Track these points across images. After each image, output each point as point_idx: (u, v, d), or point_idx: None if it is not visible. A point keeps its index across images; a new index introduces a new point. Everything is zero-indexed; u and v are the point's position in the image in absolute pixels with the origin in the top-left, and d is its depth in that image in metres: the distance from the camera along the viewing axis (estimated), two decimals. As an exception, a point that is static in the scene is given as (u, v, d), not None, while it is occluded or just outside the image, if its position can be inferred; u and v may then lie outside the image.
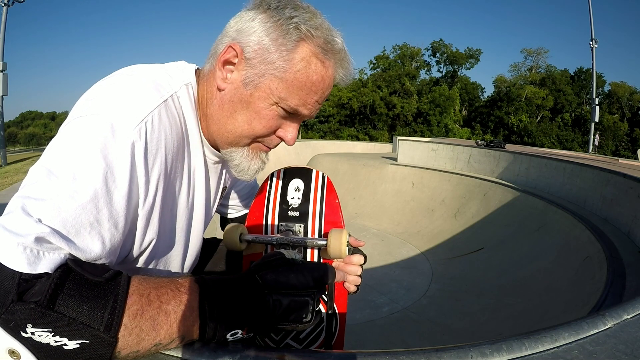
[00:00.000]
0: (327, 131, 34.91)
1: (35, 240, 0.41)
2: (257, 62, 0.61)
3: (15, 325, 0.38)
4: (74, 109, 0.55)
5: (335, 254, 0.67)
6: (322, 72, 0.62)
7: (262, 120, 0.64)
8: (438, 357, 0.47)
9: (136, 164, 0.53)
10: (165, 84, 0.61)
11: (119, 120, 0.51)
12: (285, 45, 0.59)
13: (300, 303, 0.51)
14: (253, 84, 0.62)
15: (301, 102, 0.63)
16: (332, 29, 0.63)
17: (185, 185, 0.68)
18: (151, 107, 0.55)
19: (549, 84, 35.09)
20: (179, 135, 0.62)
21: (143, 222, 0.58)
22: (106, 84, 0.57)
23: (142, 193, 0.55)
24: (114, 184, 0.50)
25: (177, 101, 0.62)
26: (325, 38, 0.61)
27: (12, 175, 8.08)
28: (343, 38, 0.63)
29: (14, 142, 59.12)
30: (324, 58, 0.61)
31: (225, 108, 0.65)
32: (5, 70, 12.32)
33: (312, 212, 0.76)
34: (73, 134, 0.51)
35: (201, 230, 0.78)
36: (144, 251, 0.63)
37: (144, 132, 0.53)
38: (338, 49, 0.62)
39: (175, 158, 0.62)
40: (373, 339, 3.20)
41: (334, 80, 0.65)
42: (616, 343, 0.51)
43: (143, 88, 0.57)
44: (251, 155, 0.70)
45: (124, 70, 0.61)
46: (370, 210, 7.15)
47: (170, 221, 0.67)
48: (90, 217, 0.47)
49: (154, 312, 0.44)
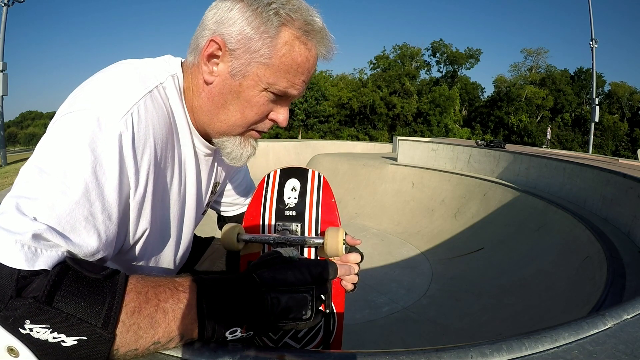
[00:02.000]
0: (327, 131, 34.91)
1: (32, 238, 0.41)
2: (242, 52, 0.61)
3: (14, 322, 0.38)
4: (61, 107, 0.55)
5: (332, 252, 0.67)
6: (305, 53, 0.63)
7: (254, 108, 0.65)
8: (438, 357, 0.47)
9: (124, 155, 0.53)
10: (150, 75, 0.61)
11: (105, 112, 0.52)
12: (268, 32, 0.60)
13: (299, 300, 0.51)
14: (241, 73, 0.62)
15: (289, 84, 0.64)
16: (310, 8, 0.64)
17: (176, 175, 0.68)
18: (136, 97, 0.56)
19: (549, 84, 35.10)
20: (167, 125, 0.62)
21: (135, 212, 0.58)
22: (91, 80, 0.58)
23: (133, 183, 0.55)
24: (104, 176, 0.50)
25: (163, 92, 0.63)
26: (305, 19, 0.62)
27: (12, 175, 8.09)
28: (321, 16, 0.64)
29: (14, 142, 59.18)
30: (306, 39, 0.62)
31: (216, 100, 0.65)
32: (5, 70, 12.33)
33: (308, 212, 0.76)
34: (61, 131, 0.51)
35: (193, 221, 0.79)
36: (138, 241, 0.63)
37: (130, 123, 0.53)
38: (318, 28, 0.63)
39: (164, 148, 0.62)
40: (373, 339, 3.20)
41: (318, 58, 0.66)
42: (616, 343, 0.51)
43: (127, 80, 0.57)
44: (243, 142, 0.71)
45: (109, 66, 0.62)
46: (370, 210, 7.14)
47: (163, 211, 0.68)
48: (84, 212, 0.47)
49: (152, 310, 0.44)
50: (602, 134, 32.26)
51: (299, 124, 33.43)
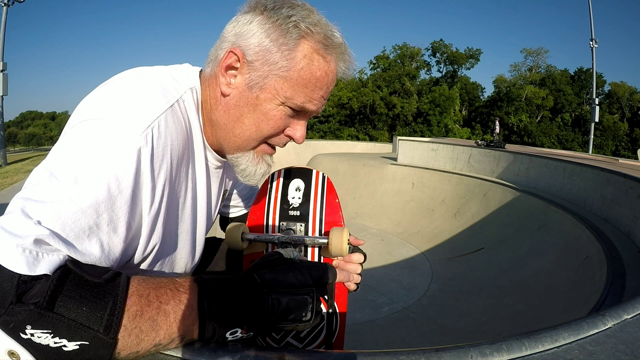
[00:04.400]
0: (327, 131, 34.90)
1: (34, 242, 0.40)
2: (260, 64, 0.61)
3: (15, 327, 0.38)
4: (79, 111, 0.54)
5: (336, 252, 0.67)
6: (325, 68, 0.62)
7: (270, 122, 0.64)
8: (438, 357, 0.47)
9: (142, 170, 0.52)
10: (172, 88, 0.61)
11: (126, 125, 0.51)
12: (287, 44, 0.59)
13: (299, 301, 0.51)
14: (258, 86, 0.62)
15: (307, 99, 0.63)
16: (330, 24, 0.63)
17: (190, 190, 0.67)
18: (158, 112, 0.55)
19: (549, 84, 35.09)
20: (184, 140, 0.61)
21: (148, 228, 0.57)
22: (113, 86, 0.57)
23: (149, 199, 0.54)
24: (117, 190, 0.49)
25: (183, 105, 0.62)
26: (325, 33, 0.61)
27: (12, 175, 8.08)
28: (341, 32, 0.64)
29: (14, 142, 59.11)
30: (325, 53, 0.61)
31: (232, 113, 0.64)
32: (5, 70, 12.33)
33: (312, 212, 0.76)
34: (78, 138, 0.50)
35: (203, 235, 0.78)
36: (148, 256, 0.62)
37: (150, 138, 0.52)
38: (338, 43, 0.63)
39: (180, 163, 0.61)
40: (373, 339, 3.20)
41: (337, 75, 0.65)
42: (616, 343, 0.51)
43: (150, 92, 0.56)
44: (257, 159, 0.70)
45: (129, 72, 0.61)
46: (370, 210, 7.14)
47: (174, 226, 0.67)
48: (90, 221, 0.47)
49: (154, 313, 0.44)
50: (602, 134, 32.25)
51: (299, 124, 33.22)
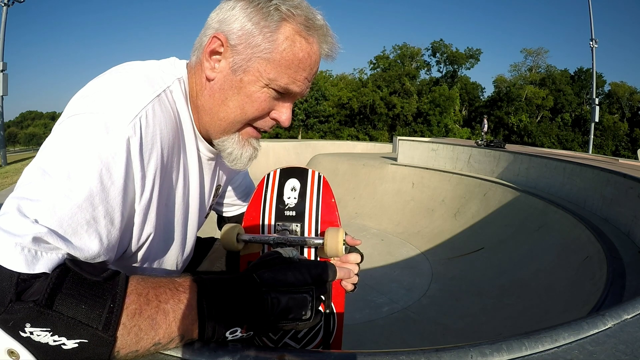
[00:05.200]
0: (327, 131, 34.92)
1: (32, 241, 0.40)
2: (243, 47, 0.62)
3: (14, 325, 0.38)
4: (67, 108, 0.55)
5: (332, 252, 0.67)
6: (307, 49, 0.63)
7: (255, 104, 0.65)
8: (438, 357, 0.47)
9: (132, 160, 0.53)
10: (158, 78, 0.61)
11: (113, 116, 0.51)
12: (268, 27, 0.60)
13: (299, 300, 0.51)
14: (242, 69, 0.62)
15: (291, 80, 0.63)
16: (312, 7, 0.64)
17: (181, 179, 0.68)
18: (145, 102, 0.55)
19: (549, 84, 35.11)
20: (174, 130, 0.62)
21: (140, 217, 0.58)
22: (99, 81, 0.57)
23: (139, 188, 0.55)
24: (109, 181, 0.50)
25: (171, 95, 0.63)
26: (307, 15, 0.62)
27: (12, 175, 8.08)
28: (323, 15, 0.65)
29: (14, 142, 59.16)
30: (307, 35, 0.62)
31: (216, 97, 0.65)
32: (5, 70, 12.32)
33: (308, 212, 0.76)
34: (67, 133, 0.50)
35: (196, 225, 0.79)
36: (142, 246, 0.63)
37: (138, 128, 0.53)
38: (320, 25, 0.63)
39: (170, 152, 0.62)
40: (373, 339, 3.20)
41: (320, 56, 0.66)
42: (616, 343, 0.51)
43: (136, 83, 0.57)
44: (242, 142, 0.70)
45: (116, 67, 0.61)
46: (370, 210, 7.14)
47: (167, 215, 0.68)
48: (87, 215, 0.47)
49: (153, 311, 0.44)
50: (602, 134, 32.26)
51: (299, 124, 33.42)
